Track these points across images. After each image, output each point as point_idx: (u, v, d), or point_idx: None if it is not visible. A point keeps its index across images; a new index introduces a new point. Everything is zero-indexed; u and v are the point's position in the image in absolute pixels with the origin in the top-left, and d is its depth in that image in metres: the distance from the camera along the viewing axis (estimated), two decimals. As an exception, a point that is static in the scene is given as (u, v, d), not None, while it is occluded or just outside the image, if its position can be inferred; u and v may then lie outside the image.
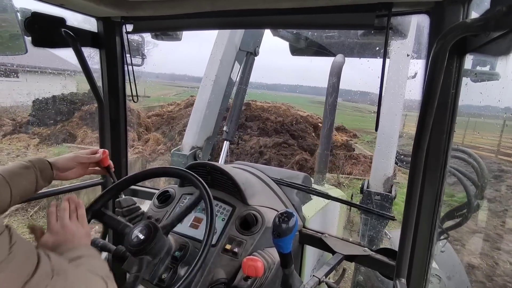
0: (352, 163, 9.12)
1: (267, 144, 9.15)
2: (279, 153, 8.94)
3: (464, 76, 0.94)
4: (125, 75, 1.71)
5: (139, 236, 0.99)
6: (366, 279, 1.99)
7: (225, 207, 1.35)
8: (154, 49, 12.59)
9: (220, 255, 1.19)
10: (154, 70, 2.75)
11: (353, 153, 10.05)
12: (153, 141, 9.22)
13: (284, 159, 8.69)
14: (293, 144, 9.41)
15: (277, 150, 9.05)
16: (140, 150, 8.67)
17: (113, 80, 1.70)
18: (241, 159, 8.52)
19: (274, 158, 8.63)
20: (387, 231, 2.11)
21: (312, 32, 2.86)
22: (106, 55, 1.66)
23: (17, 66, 11.53)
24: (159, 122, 11.14)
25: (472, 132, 7.23)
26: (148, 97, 19.70)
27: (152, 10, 1.35)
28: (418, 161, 0.87)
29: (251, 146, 9.29)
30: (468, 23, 0.73)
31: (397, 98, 2.17)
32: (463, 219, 2.23)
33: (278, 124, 10.26)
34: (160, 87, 28.25)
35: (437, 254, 2.41)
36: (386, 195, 2.00)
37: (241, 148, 9.20)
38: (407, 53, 2.19)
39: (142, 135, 10.07)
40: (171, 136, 9.43)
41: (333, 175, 7.98)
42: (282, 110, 11.23)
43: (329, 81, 2.81)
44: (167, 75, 39.63)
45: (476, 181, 2.14)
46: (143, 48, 1.86)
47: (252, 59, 3.01)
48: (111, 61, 1.67)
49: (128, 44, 1.62)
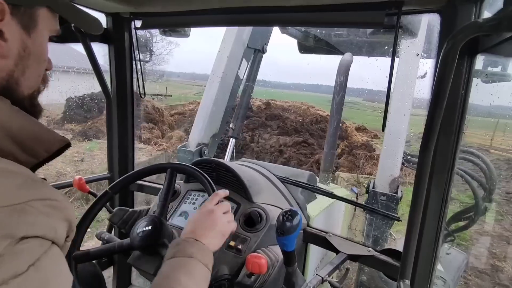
0: (372, 163, 9.10)
1: (287, 143, 9.24)
2: (298, 152, 9.01)
3: (474, 76, 0.92)
4: (133, 71, 1.72)
5: (145, 230, 1.00)
6: (369, 279, 1.98)
7: (230, 204, 1.36)
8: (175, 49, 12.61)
9: (224, 251, 1.19)
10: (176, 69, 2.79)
11: (374, 154, 10.01)
12: (176, 138, 9.51)
13: (303, 158, 8.76)
14: (313, 143, 9.47)
15: (296, 149, 9.11)
16: (164, 147, 8.93)
17: (121, 76, 1.71)
18: (261, 157, 8.68)
19: (293, 157, 8.71)
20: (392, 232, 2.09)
21: (320, 30, 2.84)
22: (115, 51, 1.67)
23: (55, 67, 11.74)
24: (181, 120, 11.45)
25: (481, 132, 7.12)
26: (170, 95, 20.06)
27: (161, 6, 1.35)
28: (425, 162, 0.86)
29: (271, 145, 9.41)
30: (480, 22, 0.72)
31: (405, 98, 2.14)
32: (470, 221, 2.21)
33: (298, 124, 10.36)
34: (181, 86, 29.09)
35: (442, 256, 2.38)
36: (392, 195, 1.98)
37: (261, 146, 9.34)
38: (416, 53, 2.16)
39: (165, 133, 10.35)
40: None
41: (353, 175, 8.00)
42: (302, 110, 11.35)
43: (336, 79, 2.79)
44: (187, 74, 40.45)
45: (484, 183, 2.11)
46: (151, 44, 1.87)
47: (260, 57, 3.00)
48: (119, 57, 1.68)
49: (136, 40, 1.63)
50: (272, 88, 12.45)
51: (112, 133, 1.80)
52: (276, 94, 13.23)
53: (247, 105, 3.14)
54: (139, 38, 1.66)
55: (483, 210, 2.11)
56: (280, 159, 8.59)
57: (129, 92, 1.76)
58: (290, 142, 9.29)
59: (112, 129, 1.80)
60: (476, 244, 4.83)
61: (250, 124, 10.24)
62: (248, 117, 10.51)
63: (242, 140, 9.05)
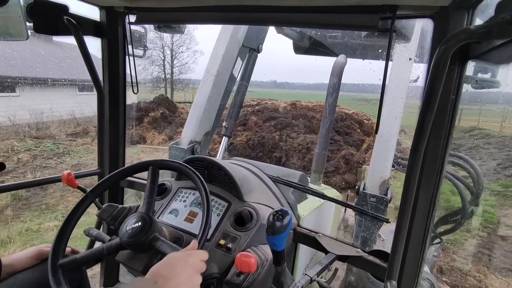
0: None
1: (314, 141, 9.47)
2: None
3: (465, 82, 0.94)
4: (125, 66, 1.70)
5: (134, 226, 0.99)
6: (357, 280, 2.00)
7: (221, 203, 1.36)
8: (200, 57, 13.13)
9: (214, 250, 1.19)
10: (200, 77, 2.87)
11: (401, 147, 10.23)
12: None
13: (330, 154, 9.02)
14: (339, 140, 9.79)
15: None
16: None
17: (114, 71, 1.69)
18: (290, 155, 9.04)
19: None
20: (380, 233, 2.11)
21: (315, 32, 2.85)
22: (108, 45, 1.65)
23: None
24: None
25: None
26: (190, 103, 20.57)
27: (156, 1, 1.34)
28: (415, 164, 0.87)
29: (299, 143, 9.69)
30: (472, 29, 0.73)
31: (397, 101, 2.16)
32: (457, 224, 2.25)
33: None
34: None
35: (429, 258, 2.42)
36: (382, 197, 2.00)
37: (289, 145, 9.60)
38: (409, 57, 2.19)
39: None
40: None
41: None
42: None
43: (330, 81, 2.81)
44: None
45: (472, 187, 2.15)
46: (145, 40, 1.85)
47: (255, 56, 2.99)
48: (112, 51, 1.66)
49: (130, 34, 1.61)
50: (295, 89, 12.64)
51: (104, 128, 1.78)
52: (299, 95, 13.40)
53: (241, 104, 3.13)
54: (133, 33, 1.64)
55: (469, 213, 2.15)
56: (308, 156, 8.98)
57: (121, 88, 1.74)
58: (317, 139, 9.51)
59: (103, 124, 1.77)
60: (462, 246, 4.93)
61: (278, 125, 10.57)
62: (275, 118, 10.92)
63: (271, 140, 9.52)
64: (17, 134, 9.83)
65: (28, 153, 8.66)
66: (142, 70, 24.60)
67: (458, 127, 8.89)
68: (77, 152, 9.55)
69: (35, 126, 10.55)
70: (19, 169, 7.83)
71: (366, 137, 10.07)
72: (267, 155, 9.37)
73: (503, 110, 8.47)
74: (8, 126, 10.37)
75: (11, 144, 9.05)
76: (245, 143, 9.81)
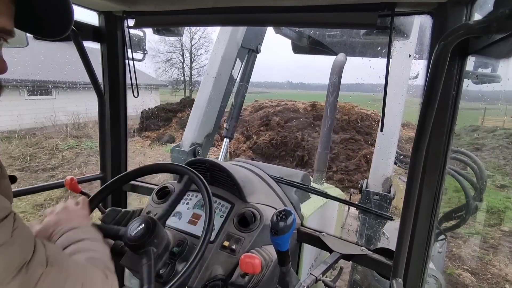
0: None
1: (335, 140, 9.67)
2: (346, 148, 9.52)
3: (465, 78, 0.93)
4: (125, 70, 1.70)
5: (139, 230, 0.99)
6: (363, 278, 1.99)
7: (224, 204, 1.36)
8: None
9: (218, 251, 1.19)
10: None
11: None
12: (234, 140, 10.45)
13: (351, 153, 9.24)
14: (360, 140, 9.91)
15: (344, 145, 9.61)
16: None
17: (114, 75, 1.70)
18: (312, 154, 9.12)
19: (342, 152, 9.25)
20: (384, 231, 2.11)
21: (314, 31, 2.85)
22: (107, 50, 1.65)
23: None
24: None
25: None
26: None
27: (154, 5, 1.34)
28: (417, 161, 0.87)
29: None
30: (471, 24, 0.73)
31: (398, 98, 2.16)
32: (461, 220, 2.24)
33: (344, 122, 10.80)
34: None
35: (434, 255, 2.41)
36: (385, 195, 2.00)
37: (310, 144, 9.74)
38: (409, 54, 2.18)
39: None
40: (249, 136, 10.78)
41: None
42: (347, 109, 11.75)
43: (330, 80, 2.80)
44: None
45: (475, 183, 2.14)
46: (144, 43, 1.86)
47: (254, 57, 3.00)
48: (112, 55, 1.66)
49: (129, 39, 1.61)
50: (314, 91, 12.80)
51: (105, 132, 1.78)
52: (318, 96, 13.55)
53: (241, 105, 3.13)
54: (132, 37, 1.64)
55: (474, 209, 2.14)
56: (329, 155, 8.94)
57: (121, 92, 1.74)
58: (338, 139, 9.82)
59: (104, 128, 1.77)
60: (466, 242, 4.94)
61: (299, 125, 10.76)
62: (297, 118, 11.11)
63: (294, 139, 9.72)
64: (59, 134, 10.77)
65: (71, 151, 9.53)
66: (163, 72, 25.65)
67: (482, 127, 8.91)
68: None
69: (73, 126, 11.53)
70: (65, 165, 8.60)
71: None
72: (289, 154, 9.55)
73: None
74: (49, 126, 11.38)
75: (55, 142, 9.91)
76: (268, 143, 10.03)
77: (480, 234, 5.09)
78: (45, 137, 10.34)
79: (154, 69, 25.95)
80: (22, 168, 8.30)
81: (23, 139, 10.07)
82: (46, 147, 9.63)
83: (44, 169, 8.32)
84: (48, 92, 12.68)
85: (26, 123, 10.98)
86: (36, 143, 9.87)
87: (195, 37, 25.30)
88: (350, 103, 12.43)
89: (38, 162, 8.74)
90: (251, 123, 11.75)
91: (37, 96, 12.39)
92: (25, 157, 8.78)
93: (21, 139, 10.01)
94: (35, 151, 9.25)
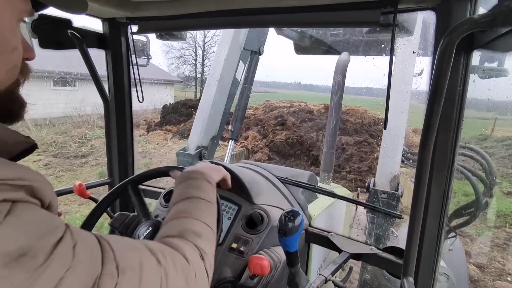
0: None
1: (349, 142, 10.00)
2: (360, 150, 9.76)
3: (471, 72, 0.92)
4: (130, 75, 1.72)
5: (146, 234, 1.00)
6: (373, 278, 1.97)
7: (231, 206, 1.36)
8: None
9: (226, 253, 1.19)
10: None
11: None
12: (251, 137, 11.10)
13: (364, 155, 9.50)
14: (373, 143, 10.17)
15: (358, 148, 9.84)
16: (244, 144, 10.67)
17: (119, 81, 1.71)
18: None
19: (355, 154, 9.51)
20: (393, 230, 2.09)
21: (316, 31, 2.84)
22: (112, 56, 1.67)
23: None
24: (247, 123, 12.88)
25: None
26: None
27: (157, 10, 1.35)
28: (425, 159, 0.86)
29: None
30: (476, 18, 0.72)
31: (403, 95, 2.15)
32: (472, 217, 2.21)
33: (357, 125, 11.13)
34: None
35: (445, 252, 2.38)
36: (393, 193, 1.98)
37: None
38: (413, 50, 2.17)
39: (241, 133, 12.14)
40: (265, 134, 11.15)
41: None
42: (360, 113, 12.09)
43: (334, 79, 2.80)
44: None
45: (485, 178, 2.11)
46: (148, 49, 1.87)
47: (257, 58, 3.00)
48: (116, 61, 1.68)
49: (133, 44, 1.63)
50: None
51: (111, 138, 1.80)
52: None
53: (246, 107, 3.14)
54: (136, 43, 1.66)
55: (484, 205, 2.12)
56: (343, 156, 9.45)
57: (127, 97, 1.76)
58: (352, 142, 10.08)
59: (110, 134, 1.79)
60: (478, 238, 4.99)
61: (314, 126, 11.07)
62: (311, 119, 11.40)
63: (309, 140, 10.05)
64: (86, 124, 11.50)
65: (99, 140, 10.05)
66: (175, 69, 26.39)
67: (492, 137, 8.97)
68: (138, 142, 10.90)
69: (98, 117, 11.95)
70: (95, 153, 9.20)
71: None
72: (305, 153, 9.82)
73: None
74: (75, 116, 12.11)
75: (84, 132, 10.56)
76: (284, 141, 10.30)
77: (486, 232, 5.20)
78: (73, 127, 11.10)
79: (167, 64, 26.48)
80: (55, 154, 8.93)
81: (52, 127, 10.84)
82: (75, 135, 10.27)
83: (76, 156, 8.92)
84: (72, 83, 13.41)
85: (53, 112, 11.72)
86: (65, 131, 10.58)
87: (208, 34, 25.81)
88: (362, 107, 12.59)
89: (69, 149, 9.37)
90: (266, 122, 12.09)
91: (62, 87, 13.09)
92: (56, 144, 9.45)
93: (50, 128, 10.73)
94: (65, 139, 9.92)
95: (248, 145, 10.62)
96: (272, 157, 9.88)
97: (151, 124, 13.26)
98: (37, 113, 10.88)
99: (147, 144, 11.11)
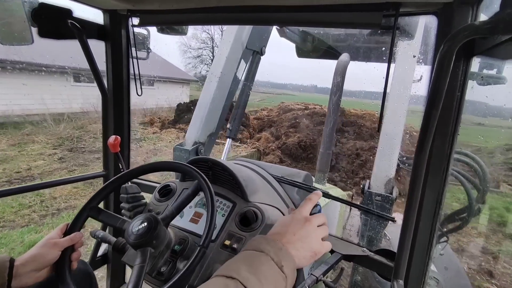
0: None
1: (363, 147, 9.97)
2: (374, 155, 9.60)
3: (470, 79, 0.93)
4: (129, 68, 1.71)
5: (140, 228, 0.99)
6: (363, 279, 1.99)
7: (226, 203, 1.36)
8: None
9: (219, 250, 1.19)
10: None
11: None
12: (264, 139, 11.26)
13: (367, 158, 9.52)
14: (376, 146, 10.14)
15: (372, 153, 9.79)
16: (256, 146, 10.79)
17: (118, 73, 1.70)
18: (339, 158, 9.51)
19: (369, 160, 9.44)
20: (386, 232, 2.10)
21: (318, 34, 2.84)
22: (112, 48, 1.66)
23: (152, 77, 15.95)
24: (261, 125, 13.06)
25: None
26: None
27: (159, 3, 1.35)
28: (421, 163, 0.87)
29: (348, 148, 10.16)
30: (477, 25, 0.72)
31: (402, 99, 2.15)
32: (464, 222, 2.23)
33: (373, 130, 11.08)
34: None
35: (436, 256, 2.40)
36: (387, 196, 1.99)
37: (338, 149, 10.07)
38: (413, 54, 2.18)
39: (253, 134, 12.36)
40: (278, 136, 11.16)
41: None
42: (376, 118, 12.28)
43: (333, 80, 2.80)
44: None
45: (478, 185, 2.13)
46: (148, 42, 1.86)
47: (258, 58, 3.00)
48: (116, 54, 1.67)
49: (134, 37, 1.62)
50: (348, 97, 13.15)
51: (108, 130, 1.79)
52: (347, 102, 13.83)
53: (245, 105, 3.13)
54: (136, 36, 1.65)
55: (476, 211, 2.13)
56: (357, 161, 9.42)
57: (125, 90, 1.75)
58: (367, 147, 10.04)
59: (108, 126, 1.78)
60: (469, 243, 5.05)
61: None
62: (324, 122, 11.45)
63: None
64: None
65: None
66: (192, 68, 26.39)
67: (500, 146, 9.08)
68: (151, 139, 11.30)
69: None
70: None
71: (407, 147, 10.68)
72: (317, 157, 9.76)
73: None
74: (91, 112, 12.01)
75: (99, 127, 10.62)
76: (297, 144, 10.23)
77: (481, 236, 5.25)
78: (89, 122, 11.37)
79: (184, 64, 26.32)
80: (70, 148, 9.16)
81: (69, 122, 11.06)
82: (90, 131, 10.57)
83: (90, 151, 9.13)
84: (91, 80, 13.87)
85: (72, 107, 12.05)
86: (82, 126, 10.87)
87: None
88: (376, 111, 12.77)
89: (84, 144, 9.58)
90: (279, 124, 12.14)
91: (82, 83, 13.34)
92: (72, 138, 9.71)
93: (68, 122, 10.97)
94: (81, 134, 10.20)
95: (260, 147, 10.66)
96: (283, 160, 9.79)
97: (165, 122, 13.33)
98: (57, 108, 11.29)
99: (160, 142, 11.21)
